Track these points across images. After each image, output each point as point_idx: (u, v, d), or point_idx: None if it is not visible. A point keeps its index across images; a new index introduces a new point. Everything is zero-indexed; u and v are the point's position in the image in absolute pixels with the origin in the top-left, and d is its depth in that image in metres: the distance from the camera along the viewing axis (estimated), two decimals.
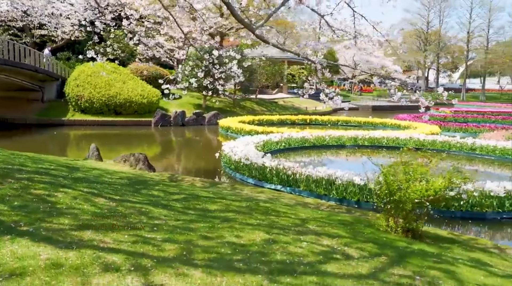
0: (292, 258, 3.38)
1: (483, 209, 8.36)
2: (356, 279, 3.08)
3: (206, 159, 13.77)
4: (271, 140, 15.20)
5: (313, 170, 9.57)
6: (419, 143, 16.51)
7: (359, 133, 17.51)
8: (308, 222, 4.89)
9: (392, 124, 24.10)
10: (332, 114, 32.54)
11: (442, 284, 3.24)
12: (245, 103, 28.60)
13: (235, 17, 6.37)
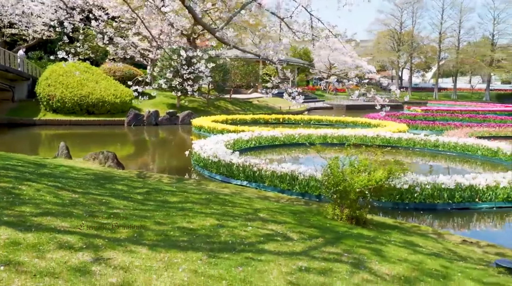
0: (235, 240, 3.77)
1: (435, 200, 8.90)
2: (288, 256, 3.48)
3: (177, 158, 14.05)
4: (242, 139, 15.57)
5: (277, 166, 9.98)
6: (385, 141, 17.17)
7: (328, 132, 18.03)
8: (260, 212, 5.28)
9: (363, 122, 24.74)
10: (306, 113, 33.12)
11: (366, 259, 3.68)
12: (219, 102, 28.91)
13: (196, 20, 6.72)
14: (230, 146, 13.90)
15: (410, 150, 16.66)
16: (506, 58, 65.20)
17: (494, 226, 8.20)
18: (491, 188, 9.15)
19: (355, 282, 3.08)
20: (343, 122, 25.67)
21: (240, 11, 7.11)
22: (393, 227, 5.92)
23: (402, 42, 67.10)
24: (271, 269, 3.11)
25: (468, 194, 9.04)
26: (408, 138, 17.14)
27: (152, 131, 20.53)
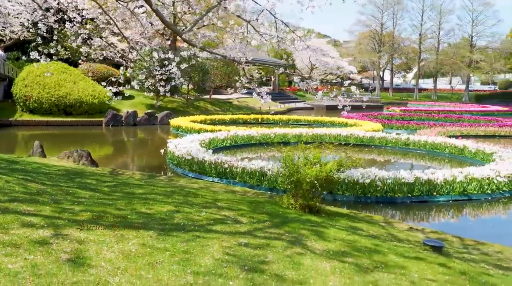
0: (187, 222, 4.18)
1: (395, 194, 9.41)
2: (233, 234, 3.89)
3: (152, 157, 14.36)
4: (217, 138, 15.96)
5: (247, 163, 10.38)
6: (358, 139, 17.76)
7: (303, 131, 18.53)
8: (219, 201, 5.69)
9: (340, 122, 25.29)
10: (287, 114, 33.62)
11: (304, 238, 4.11)
12: (199, 103, 29.24)
13: (164, 23, 7.10)
14: (205, 145, 14.26)
15: (382, 149, 17.25)
16: (484, 59, 66.90)
17: (446, 217, 8.73)
18: (448, 182, 9.70)
19: (286, 254, 3.51)
20: (321, 122, 26.21)
21: (206, 15, 7.50)
22: (345, 215, 6.39)
23: (383, 43, 68.20)
24: (213, 244, 3.52)
25: (426, 188, 9.56)
26: (381, 137, 17.73)
27: (130, 131, 20.77)
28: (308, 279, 2.99)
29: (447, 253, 4.56)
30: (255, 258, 3.28)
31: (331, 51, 62.90)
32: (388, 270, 3.41)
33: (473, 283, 3.36)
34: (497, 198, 9.82)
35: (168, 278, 2.71)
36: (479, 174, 10.01)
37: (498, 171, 10.17)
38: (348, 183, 9.33)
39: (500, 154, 12.62)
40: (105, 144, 18.23)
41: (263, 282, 2.83)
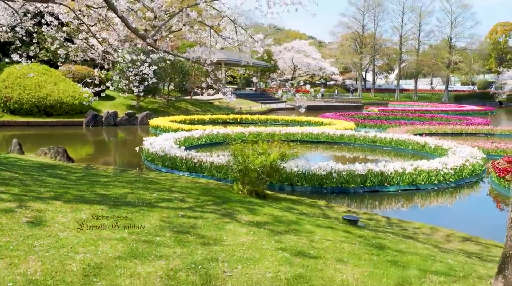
0: (137, 200, 4.93)
1: (349, 185, 10.25)
2: (174, 209, 4.65)
3: (129, 154, 15.00)
4: (193, 136, 16.71)
5: (215, 158, 11.13)
6: (329, 137, 18.68)
7: (276, 129, 19.37)
8: (174, 187, 6.45)
9: (316, 121, 26.16)
10: (268, 114, 34.36)
11: (237, 213, 4.88)
12: (180, 104, 29.90)
13: (129, 28, 7.79)
14: (180, 143, 14.99)
15: (351, 146, 18.14)
16: (463, 60, 68.57)
17: (390, 204, 9.59)
18: (398, 173, 10.57)
19: (214, 222, 4.27)
20: (297, 121, 27.02)
21: (168, 21, 8.23)
22: (291, 200, 7.18)
23: (365, 44, 69.35)
24: (154, 215, 4.28)
25: (378, 179, 10.42)
26: (350, 134, 18.64)
27: (109, 131, 21.35)
28: (223, 237, 3.76)
29: (362, 226, 5.37)
30: (186, 224, 4.05)
31: (314, 52, 64.04)
32: (296, 234, 4.20)
33: (364, 242, 4.16)
34: (443, 188, 10.72)
35: (107, 234, 3.46)
36: (427, 166, 10.90)
37: (446, 164, 11.09)
38: (307, 175, 10.16)
39: (455, 150, 13.57)
40: (84, 144, 18.79)
41: (185, 238, 3.59)
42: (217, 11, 8.91)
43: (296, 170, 10.17)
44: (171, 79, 27.61)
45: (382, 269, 3.32)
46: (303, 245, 3.77)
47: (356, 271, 3.22)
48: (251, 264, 3.13)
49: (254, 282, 2.83)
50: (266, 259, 3.27)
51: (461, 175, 11.36)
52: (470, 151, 13.00)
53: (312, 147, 18.35)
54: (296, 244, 3.76)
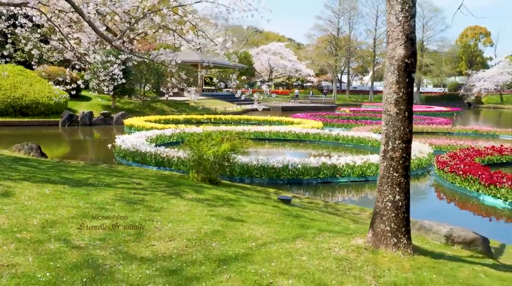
0: (98, 182, 5.70)
1: (304, 176, 11.15)
2: (128, 189, 5.44)
3: (103, 152, 15.64)
4: (164, 134, 17.46)
5: (182, 153, 11.90)
6: (295, 136, 19.63)
7: (246, 128, 20.25)
8: (136, 175, 7.22)
9: (287, 121, 27.10)
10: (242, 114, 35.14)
11: (184, 193, 5.69)
12: (155, 104, 30.51)
13: (96, 32, 8.51)
14: (152, 141, 15.73)
15: (316, 143, 19.12)
16: (434, 63, 70.71)
17: (340, 193, 10.52)
18: (349, 166, 11.52)
19: (161, 198, 5.08)
20: (269, 121, 27.92)
21: (134, 24, 8.99)
22: (242, 187, 8.03)
23: (340, 47, 70.79)
24: (109, 191, 5.07)
25: (331, 172, 11.35)
26: (315, 133, 19.63)
27: (85, 131, 21.87)
28: (164, 207, 4.57)
29: (294, 204, 6.25)
30: (135, 198, 4.85)
31: (290, 54, 65.31)
32: (230, 207, 5.04)
33: (285, 213, 5.03)
34: None
35: (65, 203, 4.23)
36: (377, 160, 11.88)
37: None
38: (266, 168, 11.03)
39: None
40: (59, 142, 19.29)
41: (131, 207, 4.40)
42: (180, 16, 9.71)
43: (255, 163, 11.04)
44: (147, 80, 28.21)
45: (288, 229, 4.18)
46: (230, 213, 4.61)
47: (266, 230, 4.07)
48: (180, 223, 3.96)
49: (178, 233, 3.66)
50: (194, 221, 4.10)
51: None
52: (419, 147, 14.07)
53: (279, 144, 19.26)
54: (225, 213, 4.60)
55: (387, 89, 3.70)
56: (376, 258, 3.51)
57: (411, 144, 3.88)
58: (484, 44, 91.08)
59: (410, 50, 3.48)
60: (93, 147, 17.94)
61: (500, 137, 22.66)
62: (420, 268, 3.41)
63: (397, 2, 3.41)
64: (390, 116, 3.69)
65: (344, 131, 19.87)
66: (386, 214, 3.72)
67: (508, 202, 9.15)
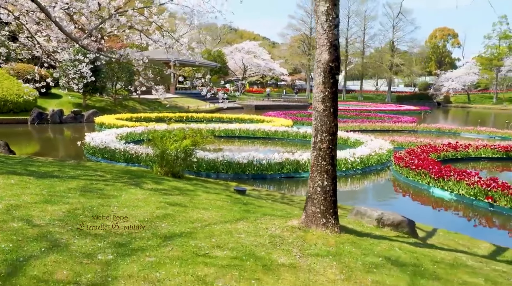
0: (62, 174, 6.06)
1: (268, 172, 11.67)
2: (90, 180, 5.83)
3: (73, 149, 15.79)
4: (135, 132, 17.73)
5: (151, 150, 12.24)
6: (264, 133, 20.18)
7: (216, 126, 20.70)
8: (101, 169, 7.58)
9: (257, 119, 27.62)
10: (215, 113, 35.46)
11: (144, 184, 6.12)
12: (127, 102, 30.58)
13: (63, 32, 8.80)
14: (122, 138, 16.00)
15: (284, 141, 19.71)
16: (404, 63, 72.48)
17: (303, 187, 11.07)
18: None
19: (120, 188, 5.50)
20: (241, 119, 28.38)
21: (100, 25, 9.32)
22: (204, 181, 8.49)
23: (313, 46, 71.63)
24: (72, 182, 5.45)
25: (294, 167, 11.90)
26: (284, 131, 20.23)
27: (55, 129, 21.86)
28: (123, 195, 5.00)
29: (248, 195, 6.76)
30: (96, 188, 5.26)
31: (263, 53, 65.88)
32: (185, 195, 5.50)
33: (236, 201, 5.52)
34: (350, 174, 12.35)
35: (29, 191, 4.61)
36: (337, 156, 12.50)
37: (354, 154, 12.76)
38: (232, 164, 11.50)
39: (370, 143, 15.36)
40: (28, 140, 19.30)
41: (91, 195, 4.82)
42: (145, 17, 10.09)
43: (221, 159, 11.51)
44: (118, 78, 28.27)
45: (234, 213, 4.68)
46: (184, 201, 5.08)
47: (213, 214, 4.56)
48: (135, 208, 4.40)
49: (131, 216, 4.10)
50: (149, 206, 4.55)
51: (368, 163, 13.03)
52: (380, 143, 14.81)
53: (249, 142, 19.76)
54: (179, 200, 5.06)
55: (315, 89, 4.22)
56: (306, 236, 4.03)
57: (337, 136, 4.41)
58: (452, 45, 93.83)
59: (333, 55, 4.02)
60: (62, 145, 18.04)
61: (461, 134, 23.77)
62: (343, 243, 3.95)
63: (322, 13, 3.94)
64: (318, 112, 4.22)
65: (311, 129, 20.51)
66: (316, 198, 4.25)
67: (453, 194, 9.89)
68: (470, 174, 10.02)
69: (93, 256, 2.99)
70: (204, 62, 50.44)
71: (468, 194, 9.55)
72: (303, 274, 3.08)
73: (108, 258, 2.97)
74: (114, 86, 28.23)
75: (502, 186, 9.07)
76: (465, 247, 5.32)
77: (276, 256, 3.43)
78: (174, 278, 2.75)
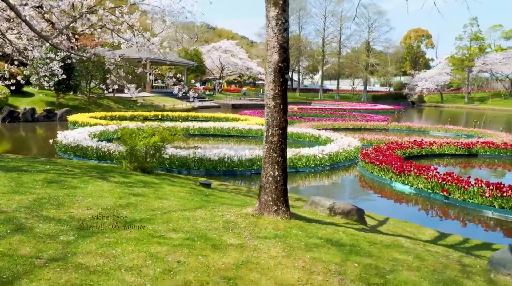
0: (31, 169, 6.29)
1: (239, 168, 12.01)
2: (59, 174, 6.08)
3: (45, 147, 15.80)
4: (108, 130, 17.82)
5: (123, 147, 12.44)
6: (238, 131, 20.52)
7: (191, 124, 20.94)
8: (71, 165, 7.80)
9: (233, 118, 27.92)
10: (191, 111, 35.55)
11: (111, 177, 6.39)
12: (102, 101, 30.47)
13: (32, 31, 8.94)
14: (95, 136, 16.10)
15: (258, 139, 20.08)
16: (380, 63, 73.85)
17: None
18: None
19: (87, 181, 5.76)
20: (217, 118, 28.60)
21: (70, 24, 9.50)
22: (173, 176, 8.77)
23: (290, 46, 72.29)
24: (40, 176, 5.70)
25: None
26: (257, 129, 20.61)
27: (27, 127, 21.72)
28: (89, 187, 5.27)
29: (213, 188, 7.10)
30: (63, 181, 5.52)
31: (241, 52, 66.16)
32: (149, 188, 5.80)
33: (199, 193, 5.85)
34: (319, 170, 12.79)
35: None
36: (306, 152, 12.93)
37: (323, 150, 13.22)
38: (203, 161, 11.80)
39: (339, 140, 15.86)
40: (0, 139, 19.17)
41: (57, 186, 5.08)
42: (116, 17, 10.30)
43: (193, 156, 11.80)
44: (93, 77, 28.17)
45: (194, 203, 5.01)
46: (148, 192, 5.39)
47: (174, 203, 4.89)
48: (99, 198, 4.70)
49: (95, 205, 4.40)
50: (113, 197, 4.85)
51: (336, 160, 13.51)
52: (348, 141, 15.34)
53: (223, 140, 20.06)
54: (143, 192, 5.37)
55: (266, 87, 4.59)
56: (258, 221, 4.39)
57: (287, 131, 4.79)
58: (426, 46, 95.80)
59: (283, 56, 4.39)
60: (34, 143, 18.00)
61: (430, 133, 24.62)
62: (291, 228, 4.33)
63: (272, 18, 4.31)
64: (269, 108, 4.59)
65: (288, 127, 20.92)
66: (268, 187, 4.62)
67: (413, 188, 10.43)
68: (429, 169, 10.57)
69: (55, 237, 3.29)
70: (180, 61, 50.41)
71: (426, 187, 10.10)
72: (248, 252, 3.44)
73: (70, 239, 3.27)
74: (89, 84, 28.12)
75: (456, 179, 9.64)
76: (411, 234, 5.78)
77: (227, 238, 3.78)
78: (128, 254, 3.07)
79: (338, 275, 3.14)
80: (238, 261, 3.19)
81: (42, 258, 2.82)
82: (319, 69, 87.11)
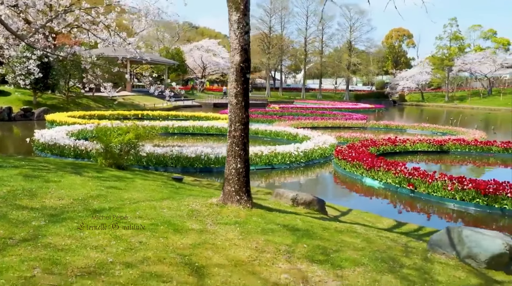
0: (7, 165, 6.51)
1: (215, 165, 12.30)
2: (34, 169, 6.32)
3: (22, 146, 15.88)
4: (86, 129, 17.93)
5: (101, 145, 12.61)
6: (217, 130, 20.78)
7: (170, 123, 21.14)
8: (47, 162, 8.00)
9: (213, 117, 28.10)
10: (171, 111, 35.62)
11: (85, 173, 6.64)
12: (81, 100, 30.38)
13: (8, 30, 9.09)
14: (73, 135, 16.20)
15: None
16: (361, 62, 74.76)
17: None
18: (258, 155, 12.79)
19: (61, 176, 6.01)
20: (197, 117, 28.76)
21: (46, 24, 9.67)
22: (147, 172, 9.04)
23: (272, 45, 72.66)
24: (15, 170, 5.93)
25: None
26: None
27: (3, 126, 21.56)
28: (62, 181, 5.53)
29: (184, 183, 7.40)
30: (37, 175, 5.76)
31: (222, 51, 66.30)
32: (122, 182, 6.08)
33: (169, 186, 6.15)
34: (294, 167, 13.15)
35: None
36: (282, 150, 13.27)
37: (298, 148, 13.59)
38: (180, 158, 12.06)
39: (316, 138, 16.26)
40: None
41: (31, 180, 5.32)
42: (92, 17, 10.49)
43: (170, 154, 12.05)
44: (72, 76, 28.05)
45: (162, 194, 5.32)
46: (120, 185, 5.67)
47: (143, 194, 5.18)
48: (71, 190, 4.96)
49: (67, 196, 4.67)
50: (85, 189, 5.12)
51: (311, 157, 13.89)
52: (324, 138, 15.76)
53: (202, 139, 20.30)
54: (114, 185, 5.64)
55: (229, 85, 4.92)
56: (221, 210, 4.72)
57: (248, 126, 5.12)
58: (407, 45, 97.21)
59: (244, 57, 4.72)
60: (10, 142, 18.00)
61: (407, 131, 25.24)
62: (252, 216, 4.66)
63: (234, 22, 4.64)
64: (232, 105, 4.92)
65: (265, 126, 21.32)
66: (231, 178, 4.95)
67: (382, 183, 10.87)
68: (397, 165, 11.02)
69: (27, 222, 3.56)
70: (161, 60, 50.36)
71: (394, 182, 10.55)
72: (207, 235, 3.77)
73: (41, 224, 3.54)
74: (67, 83, 28.02)
75: (422, 174, 10.11)
76: (369, 222, 6.17)
77: (189, 224, 4.10)
78: (94, 236, 3.37)
79: (286, 254, 3.48)
80: (195, 242, 3.51)
81: (14, 239, 3.10)
82: (302, 68, 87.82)
